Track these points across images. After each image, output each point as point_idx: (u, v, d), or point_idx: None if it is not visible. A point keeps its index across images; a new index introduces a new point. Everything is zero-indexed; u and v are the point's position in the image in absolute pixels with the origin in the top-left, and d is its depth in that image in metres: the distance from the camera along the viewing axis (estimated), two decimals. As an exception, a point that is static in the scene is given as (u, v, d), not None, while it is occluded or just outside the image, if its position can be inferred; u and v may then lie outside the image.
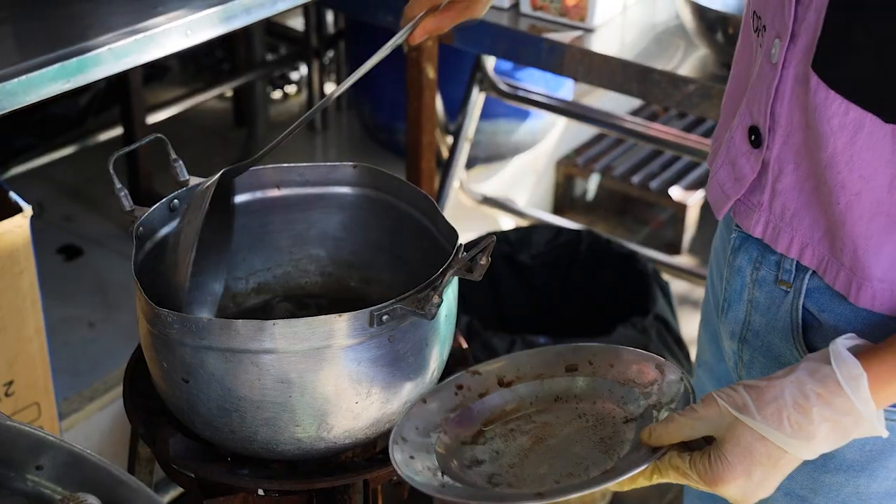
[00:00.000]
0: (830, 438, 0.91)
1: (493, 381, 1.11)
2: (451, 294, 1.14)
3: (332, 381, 1.05)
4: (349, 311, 1.04)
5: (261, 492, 1.14)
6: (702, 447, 0.95)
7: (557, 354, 1.11)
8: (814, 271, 1.03)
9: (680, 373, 1.04)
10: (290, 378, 1.04)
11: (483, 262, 1.05)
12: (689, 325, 2.55)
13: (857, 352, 0.91)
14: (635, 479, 0.96)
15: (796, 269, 1.04)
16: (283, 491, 1.13)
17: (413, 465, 1.02)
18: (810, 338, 1.05)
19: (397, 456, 1.02)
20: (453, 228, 1.17)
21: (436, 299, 1.03)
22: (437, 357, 1.14)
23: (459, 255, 1.09)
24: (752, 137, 1.03)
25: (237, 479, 1.11)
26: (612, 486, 0.96)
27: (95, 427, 2.09)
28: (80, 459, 0.83)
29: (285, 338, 1.02)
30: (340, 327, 1.03)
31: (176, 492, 2.04)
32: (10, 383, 1.64)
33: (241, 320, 1.02)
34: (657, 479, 0.96)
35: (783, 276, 1.05)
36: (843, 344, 0.91)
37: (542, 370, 1.11)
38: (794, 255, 1.03)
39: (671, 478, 0.95)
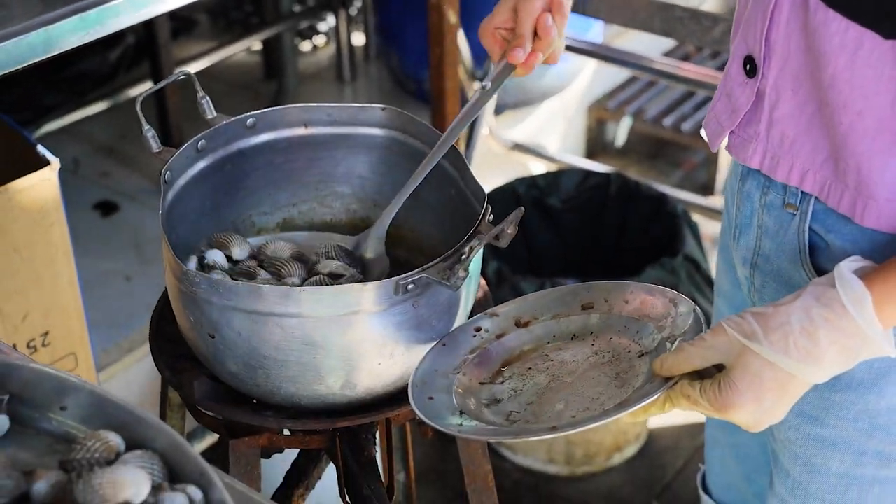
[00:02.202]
0: (839, 361, 0.91)
1: (510, 323, 1.12)
2: (475, 259, 1.14)
3: (355, 344, 1.07)
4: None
5: (286, 431, 1.16)
6: (713, 375, 0.95)
7: (573, 293, 1.12)
8: (816, 197, 1.03)
9: (692, 305, 1.04)
10: (315, 340, 1.05)
11: (510, 231, 1.05)
12: (723, 267, 2.54)
13: (861, 273, 0.91)
14: (648, 408, 0.98)
15: (802, 191, 1.04)
16: (307, 430, 1.15)
17: (431, 406, 1.03)
18: (818, 260, 1.05)
19: (416, 397, 1.03)
20: (481, 188, 1.16)
21: (462, 273, 1.04)
22: (461, 316, 1.15)
23: (486, 220, 1.09)
24: (748, 67, 1.03)
25: (262, 420, 1.13)
26: (626, 416, 0.97)
27: (134, 377, 2.13)
28: (102, 400, 0.84)
29: (310, 304, 1.03)
30: (366, 296, 1.04)
31: (212, 438, 2.08)
32: (46, 334, 1.68)
33: (267, 285, 1.03)
34: (669, 408, 0.98)
35: (790, 199, 1.05)
36: (847, 266, 0.91)
37: (559, 309, 1.12)
38: (794, 182, 1.03)
39: (683, 406, 0.96)
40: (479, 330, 1.12)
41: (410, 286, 1.04)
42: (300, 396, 1.10)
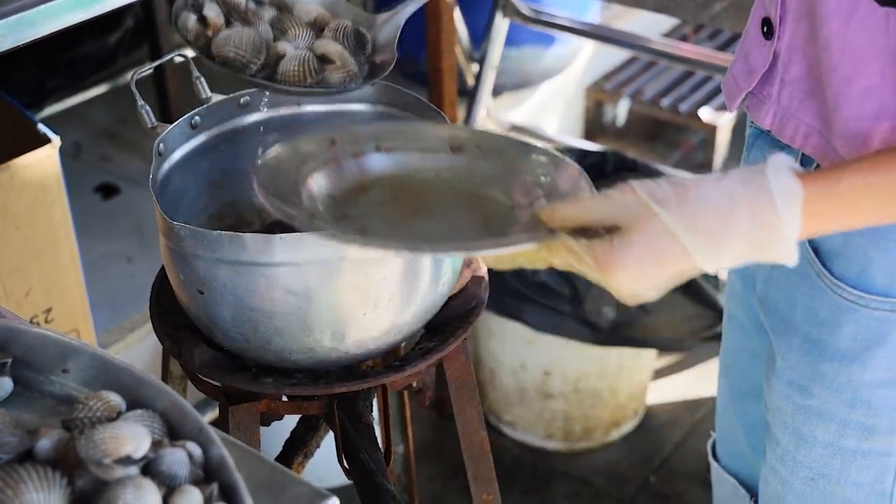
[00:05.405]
0: (741, 251, 0.87)
1: (370, 144, 1.02)
2: None
3: (339, 293, 1.08)
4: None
5: (284, 398, 1.18)
6: (599, 236, 0.89)
7: (446, 132, 1.03)
8: (818, 164, 1.03)
9: (578, 166, 0.98)
10: (298, 290, 1.07)
11: None
12: (720, 245, 2.56)
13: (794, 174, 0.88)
14: (517, 256, 0.90)
15: (802, 162, 1.05)
16: (304, 396, 1.17)
17: (282, 205, 0.92)
18: None
19: (264, 192, 0.92)
20: None
21: None
22: (447, 269, 1.16)
23: None
24: (765, 29, 1.04)
25: (260, 387, 1.15)
26: (493, 253, 0.89)
27: (136, 356, 2.15)
28: (104, 362, 0.86)
29: (291, 251, 1.05)
30: None
31: (212, 414, 2.10)
32: (49, 310, 1.70)
33: (249, 234, 1.05)
34: (541, 263, 0.91)
35: None
36: (784, 160, 0.88)
37: (426, 144, 1.02)
38: (798, 144, 1.04)
39: (559, 259, 0.90)
40: (333, 142, 1.00)
41: None
42: (290, 350, 1.12)
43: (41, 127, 1.63)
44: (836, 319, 1.05)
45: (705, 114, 3.05)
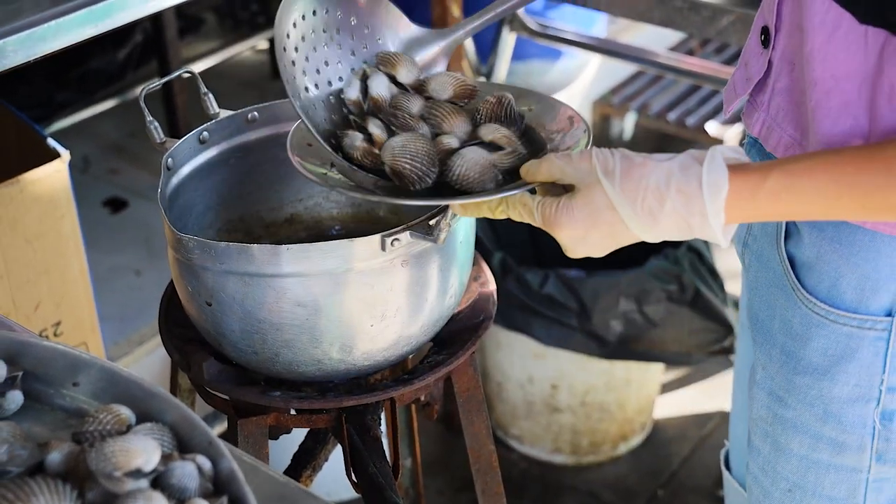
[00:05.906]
0: (674, 231, 0.93)
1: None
2: (466, 221, 1.17)
3: (346, 304, 1.09)
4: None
5: (293, 411, 1.18)
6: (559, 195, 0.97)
7: (485, 89, 1.12)
8: None
9: (585, 126, 1.05)
10: (306, 301, 1.08)
11: None
12: (728, 258, 2.56)
13: (731, 164, 0.92)
14: (480, 206, 1.00)
15: None
16: (313, 409, 1.17)
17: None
18: (789, 245, 1.07)
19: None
20: None
21: (443, 225, 1.06)
22: (454, 282, 1.17)
23: None
24: (763, 37, 1.06)
25: (269, 400, 1.15)
26: (457, 205, 1.00)
27: (145, 369, 2.16)
28: (113, 375, 0.87)
29: (299, 262, 1.06)
30: (353, 252, 1.07)
31: (220, 427, 2.10)
32: (58, 324, 1.70)
33: (256, 245, 1.06)
34: (501, 214, 0.99)
35: None
36: (721, 151, 0.92)
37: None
38: (780, 154, 1.06)
39: (516, 213, 0.98)
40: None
41: (395, 241, 1.07)
42: (298, 363, 1.12)
43: (51, 141, 1.63)
44: (807, 333, 1.07)
45: (712, 128, 3.05)
